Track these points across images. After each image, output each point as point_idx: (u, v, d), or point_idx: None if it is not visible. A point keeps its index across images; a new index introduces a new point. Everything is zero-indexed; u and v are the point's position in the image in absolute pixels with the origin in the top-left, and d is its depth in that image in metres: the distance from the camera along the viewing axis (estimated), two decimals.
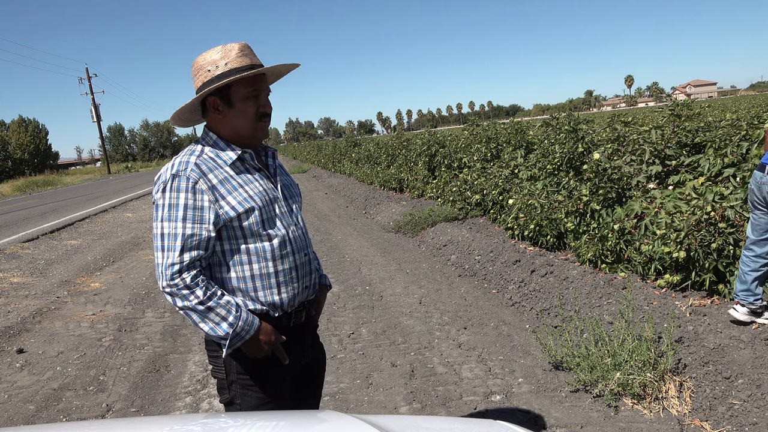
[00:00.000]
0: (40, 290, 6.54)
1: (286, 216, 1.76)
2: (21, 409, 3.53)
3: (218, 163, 1.68)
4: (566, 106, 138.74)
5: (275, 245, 1.70)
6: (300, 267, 1.78)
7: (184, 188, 1.60)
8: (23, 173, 50.59)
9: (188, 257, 1.59)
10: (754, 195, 3.34)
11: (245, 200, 1.65)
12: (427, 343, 4.11)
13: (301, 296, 1.80)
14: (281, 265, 1.72)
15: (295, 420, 1.14)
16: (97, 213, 14.44)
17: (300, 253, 1.78)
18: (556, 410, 3.05)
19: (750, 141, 4.55)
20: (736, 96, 69.40)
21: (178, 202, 1.60)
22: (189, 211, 1.60)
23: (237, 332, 1.62)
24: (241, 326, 1.63)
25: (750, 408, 2.76)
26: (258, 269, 1.70)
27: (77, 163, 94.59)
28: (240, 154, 1.70)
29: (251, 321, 1.65)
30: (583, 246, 5.08)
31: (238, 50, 1.68)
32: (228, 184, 1.65)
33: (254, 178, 1.72)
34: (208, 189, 1.62)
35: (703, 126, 5.33)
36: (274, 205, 1.72)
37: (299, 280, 1.78)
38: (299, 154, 40.43)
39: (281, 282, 1.73)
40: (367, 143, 19.48)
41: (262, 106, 1.71)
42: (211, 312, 1.60)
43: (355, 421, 0.94)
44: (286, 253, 1.72)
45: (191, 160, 1.65)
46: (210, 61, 1.68)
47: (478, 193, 8.02)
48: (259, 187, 1.71)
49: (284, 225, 1.73)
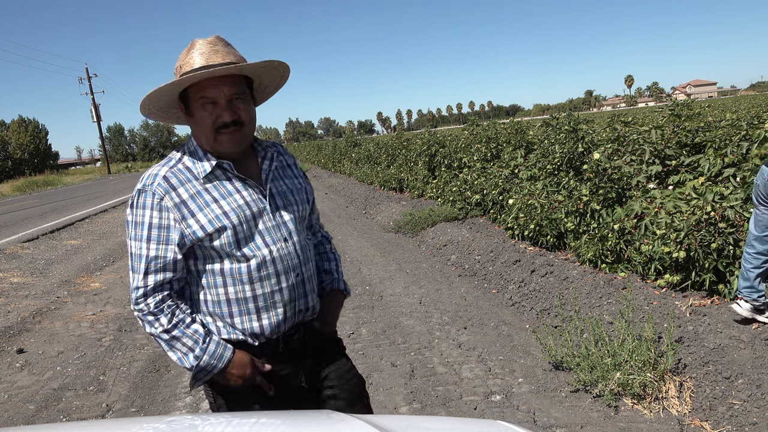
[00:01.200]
0: (40, 290, 6.54)
1: (271, 231, 1.55)
2: (21, 409, 3.52)
3: (193, 174, 1.52)
4: (566, 106, 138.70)
5: (252, 267, 1.52)
6: (288, 290, 1.58)
7: (149, 205, 1.47)
8: (23, 173, 50.59)
9: (152, 281, 1.47)
10: (759, 190, 3.33)
11: (216, 218, 1.48)
12: (427, 343, 4.10)
13: (290, 321, 1.61)
14: (260, 288, 1.53)
15: (295, 420, 1.14)
16: (97, 213, 14.44)
17: (289, 273, 1.57)
18: (556, 410, 3.05)
19: (750, 141, 4.55)
20: (736, 96, 69.42)
21: (143, 219, 1.48)
22: (153, 231, 1.47)
23: (202, 366, 1.48)
24: (206, 360, 1.48)
25: (750, 408, 2.76)
26: (234, 293, 1.53)
27: (77, 163, 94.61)
28: (215, 166, 1.52)
29: (220, 354, 1.49)
30: (583, 246, 5.08)
31: (198, 48, 1.50)
32: (200, 199, 1.49)
33: (234, 190, 1.53)
34: (174, 206, 1.47)
35: (703, 126, 5.33)
36: (257, 221, 1.53)
37: (287, 304, 1.58)
38: (299, 154, 40.46)
39: (261, 307, 1.55)
40: (367, 143, 19.48)
41: (220, 116, 1.48)
42: (177, 341, 1.48)
43: (355, 421, 0.94)
44: (266, 274, 1.53)
45: (160, 173, 1.50)
46: (178, 63, 1.53)
47: (478, 193, 8.02)
48: (239, 200, 1.52)
49: (267, 243, 1.54)
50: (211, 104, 1.48)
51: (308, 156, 33.31)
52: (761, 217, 3.36)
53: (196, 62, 1.47)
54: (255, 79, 1.60)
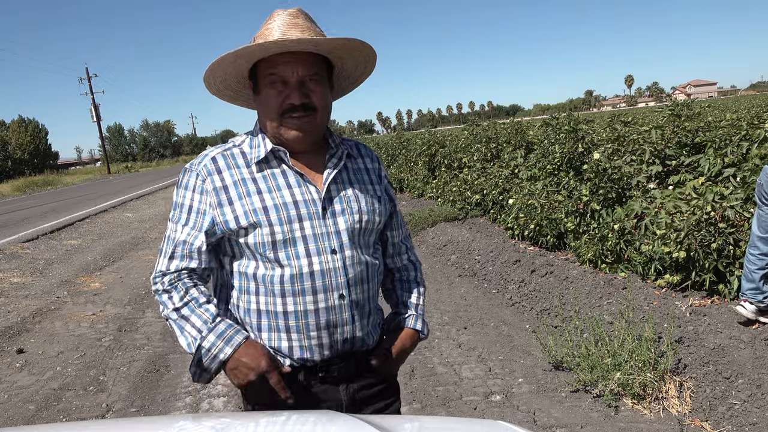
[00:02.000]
0: (40, 290, 6.53)
1: (318, 240, 1.32)
2: (21, 409, 3.52)
3: (246, 159, 1.36)
4: (566, 106, 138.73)
5: (285, 277, 1.31)
6: (325, 312, 1.33)
7: (192, 186, 1.35)
8: (23, 173, 50.57)
9: (174, 266, 1.34)
10: (763, 190, 3.30)
11: (253, 212, 1.30)
12: (427, 343, 4.10)
13: (328, 349, 1.36)
14: (292, 305, 1.32)
15: (295, 420, 1.13)
16: (97, 213, 14.44)
17: (330, 292, 1.32)
18: (556, 410, 3.05)
19: (750, 141, 4.55)
20: (736, 96, 69.41)
21: (183, 201, 1.36)
22: (192, 215, 1.34)
23: (207, 348, 1.28)
24: (212, 341, 1.28)
25: (750, 408, 2.76)
26: (265, 303, 1.34)
27: (77, 163, 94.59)
28: (269, 152, 1.35)
29: (230, 336, 1.30)
30: (583, 246, 5.08)
31: (277, 18, 1.33)
32: (243, 187, 1.33)
33: (285, 185, 1.34)
34: (214, 190, 1.32)
35: (703, 126, 5.33)
36: (303, 224, 1.31)
37: (322, 328, 1.34)
38: None
39: (291, 327, 1.34)
40: (366, 143, 19.50)
41: (288, 97, 1.30)
42: (186, 322, 1.31)
43: (355, 421, 0.94)
44: (300, 289, 1.31)
45: (210, 154, 1.38)
46: (257, 33, 1.36)
47: (478, 193, 8.02)
48: (287, 197, 1.32)
49: (309, 252, 1.31)
50: (281, 83, 1.31)
51: None
52: (765, 217, 3.34)
53: (272, 34, 1.29)
54: (336, 62, 1.40)
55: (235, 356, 1.29)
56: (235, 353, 1.29)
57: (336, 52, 1.36)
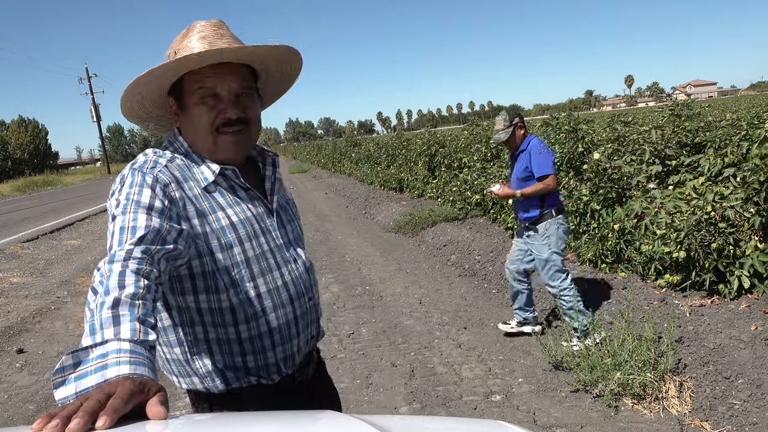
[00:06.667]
0: (40, 290, 6.53)
1: (281, 251, 1.31)
2: (21, 409, 3.52)
3: (192, 174, 1.24)
4: (566, 106, 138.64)
5: (264, 294, 1.26)
6: (301, 317, 1.33)
7: (150, 185, 1.13)
8: (23, 173, 50.60)
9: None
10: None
11: (221, 229, 1.21)
12: (427, 343, 4.10)
13: (303, 351, 1.38)
14: (275, 320, 1.27)
15: (294, 420, 1.13)
16: (97, 213, 14.43)
17: (301, 298, 1.33)
18: (556, 410, 3.05)
19: (750, 141, 4.54)
20: (736, 96, 69.35)
21: (140, 198, 1.10)
22: (154, 211, 1.12)
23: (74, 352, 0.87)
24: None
25: (750, 408, 2.76)
26: (247, 330, 1.26)
27: (77, 163, 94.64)
28: (218, 174, 1.24)
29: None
30: (583, 246, 5.07)
31: (199, 30, 1.23)
32: (204, 203, 1.23)
33: (237, 200, 1.27)
34: (181, 199, 1.18)
35: (703, 126, 5.33)
36: (265, 238, 1.28)
37: (300, 333, 1.33)
38: (299, 154, 40.49)
39: (276, 342, 1.29)
40: (367, 143, 19.48)
41: (223, 111, 1.22)
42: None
43: (355, 421, 0.94)
44: (280, 302, 1.28)
45: (161, 160, 1.21)
46: (170, 49, 1.26)
47: (478, 193, 8.02)
48: (247, 212, 1.26)
49: (278, 264, 1.30)
50: (212, 97, 1.21)
51: (308, 156, 33.30)
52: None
53: (195, 47, 1.18)
54: (261, 73, 1.34)
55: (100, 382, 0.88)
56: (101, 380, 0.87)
57: (266, 63, 1.32)
